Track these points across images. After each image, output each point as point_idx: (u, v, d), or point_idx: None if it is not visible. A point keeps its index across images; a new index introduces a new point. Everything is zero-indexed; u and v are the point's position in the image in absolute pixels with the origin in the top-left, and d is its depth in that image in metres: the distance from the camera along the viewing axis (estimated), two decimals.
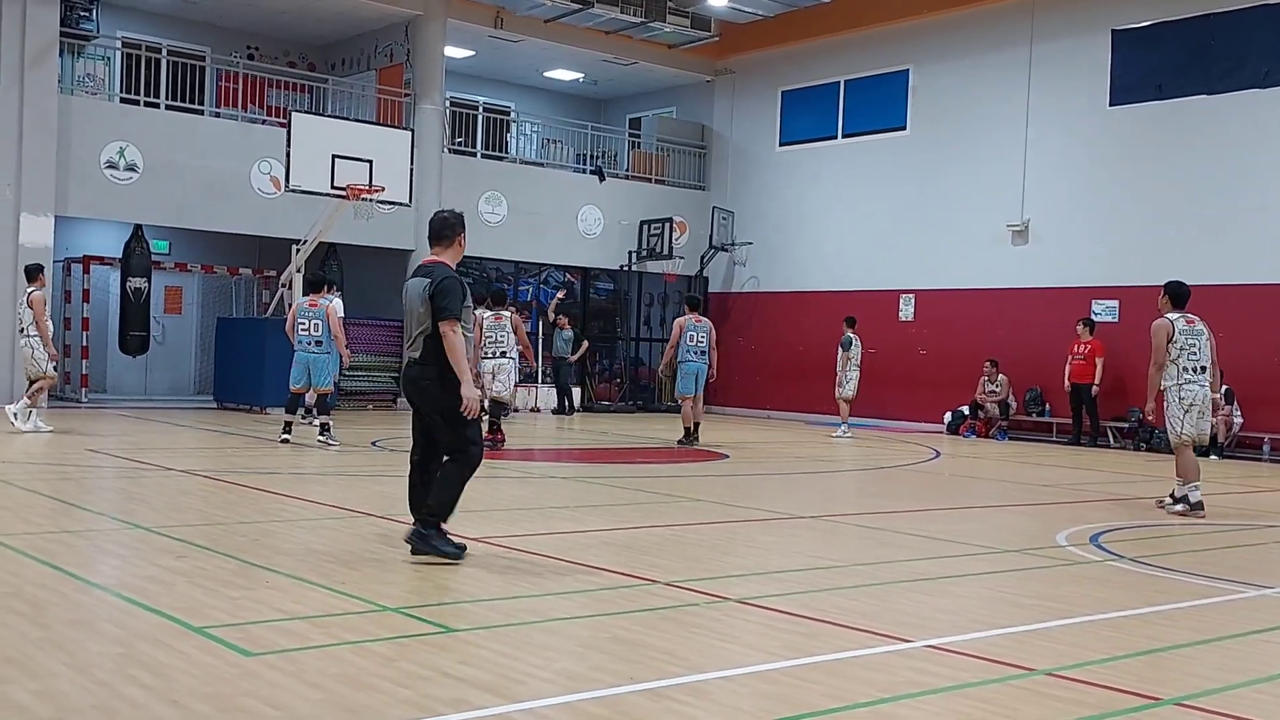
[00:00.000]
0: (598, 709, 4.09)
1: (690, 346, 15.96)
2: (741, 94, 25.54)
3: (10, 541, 6.86)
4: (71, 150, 18.50)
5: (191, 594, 5.67)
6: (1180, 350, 10.32)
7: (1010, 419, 20.24)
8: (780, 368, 24.35)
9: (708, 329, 16.21)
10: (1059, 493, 12.02)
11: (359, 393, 21.26)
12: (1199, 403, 10.31)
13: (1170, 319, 10.44)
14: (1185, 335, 10.34)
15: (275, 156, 19.22)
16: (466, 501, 7.18)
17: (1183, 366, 10.32)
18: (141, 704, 3.95)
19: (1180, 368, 10.32)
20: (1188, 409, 10.30)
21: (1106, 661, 5.07)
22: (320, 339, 14.01)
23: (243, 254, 22.31)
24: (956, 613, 6.06)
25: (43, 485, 9.80)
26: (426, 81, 21.94)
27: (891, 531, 8.82)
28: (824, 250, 23.68)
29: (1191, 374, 10.32)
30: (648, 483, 11.95)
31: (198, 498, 9.45)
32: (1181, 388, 10.32)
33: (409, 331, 7.01)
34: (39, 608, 5.28)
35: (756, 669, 4.72)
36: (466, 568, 6.69)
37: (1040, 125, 20.42)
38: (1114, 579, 7.30)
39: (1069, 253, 19.93)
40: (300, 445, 13.76)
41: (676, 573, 6.70)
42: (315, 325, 14.03)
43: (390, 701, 4.08)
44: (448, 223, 7.16)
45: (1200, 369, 10.35)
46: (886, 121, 22.79)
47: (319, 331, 14.00)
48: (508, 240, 23.17)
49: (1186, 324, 10.40)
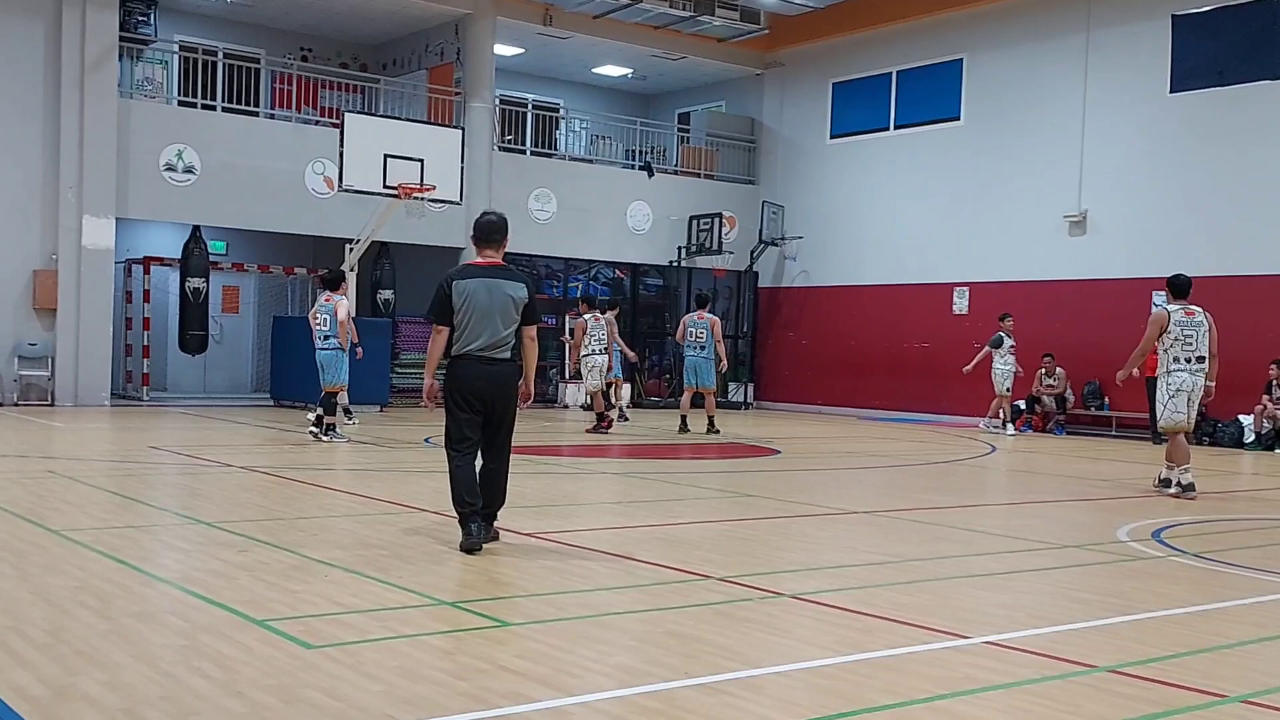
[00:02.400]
0: (652, 703, 4.10)
1: (690, 342, 17.10)
2: (791, 87, 25.42)
3: (78, 536, 7.00)
4: (131, 153, 18.81)
5: (253, 587, 5.75)
6: (1174, 340, 10.66)
7: (1068, 413, 20.00)
8: (832, 362, 24.22)
9: (708, 324, 17.06)
10: (1119, 487, 11.86)
11: (412, 390, 21.42)
12: (1186, 389, 10.65)
13: (1169, 310, 10.75)
14: (1181, 326, 10.66)
15: (329, 157, 19.42)
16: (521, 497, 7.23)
17: (1174, 356, 10.68)
18: (206, 695, 4.01)
19: (1172, 357, 10.68)
20: (1173, 395, 10.67)
21: (1170, 658, 5.00)
22: (330, 334, 14.09)
23: (298, 254, 22.57)
24: (1015, 608, 6.01)
25: (107, 482, 9.98)
26: (476, 80, 22.05)
27: (947, 526, 8.75)
28: (876, 243, 23.52)
29: (1183, 363, 10.67)
30: (699, 478, 11.94)
31: (257, 493, 9.58)
32: (1170, 374, 10.71)
33: (489, 330, 6.98)
34: (106, 601, 5.38)
35: (812, 664, 4.70)
36: (520, 562, 6.73)
37: (1098, 114, 20.14)
38: (1177, 574, 7.20)
39: (1127, 243, 19.65)
40: (356, 443, 13.90)
41: (729, 568, 6.69)
42: (325, 321, 14.14)
43: (448, 694, 4.11)
44: (497, 226, 7.23)
45: (1196, 359, 10.66)
46: (940, 112, 22.59)
47: (329, 327, 14.13)
48: (557, 237, 23.24)
49: (1185, 315, 10.71)
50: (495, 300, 6.99)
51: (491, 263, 7.17)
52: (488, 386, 7.00)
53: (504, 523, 7.37)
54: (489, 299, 6.99)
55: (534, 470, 11.34)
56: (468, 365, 7.00)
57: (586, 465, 13.16)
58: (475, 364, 6.98)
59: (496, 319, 6.98)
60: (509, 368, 7.05)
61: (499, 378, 7.01)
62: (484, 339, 6.98)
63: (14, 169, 18.16)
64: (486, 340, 6.98)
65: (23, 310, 18.31)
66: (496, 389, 7.02)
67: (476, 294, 7.00)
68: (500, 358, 7.02)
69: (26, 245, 18.27)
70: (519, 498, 7.23)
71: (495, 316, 6.98)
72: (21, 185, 18.21)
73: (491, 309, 6.98)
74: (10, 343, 18.24)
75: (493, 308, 6.98)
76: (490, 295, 7.00)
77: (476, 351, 6.98)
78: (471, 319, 6.98)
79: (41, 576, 5.85)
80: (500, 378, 7.02)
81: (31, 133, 18.24)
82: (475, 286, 7.02)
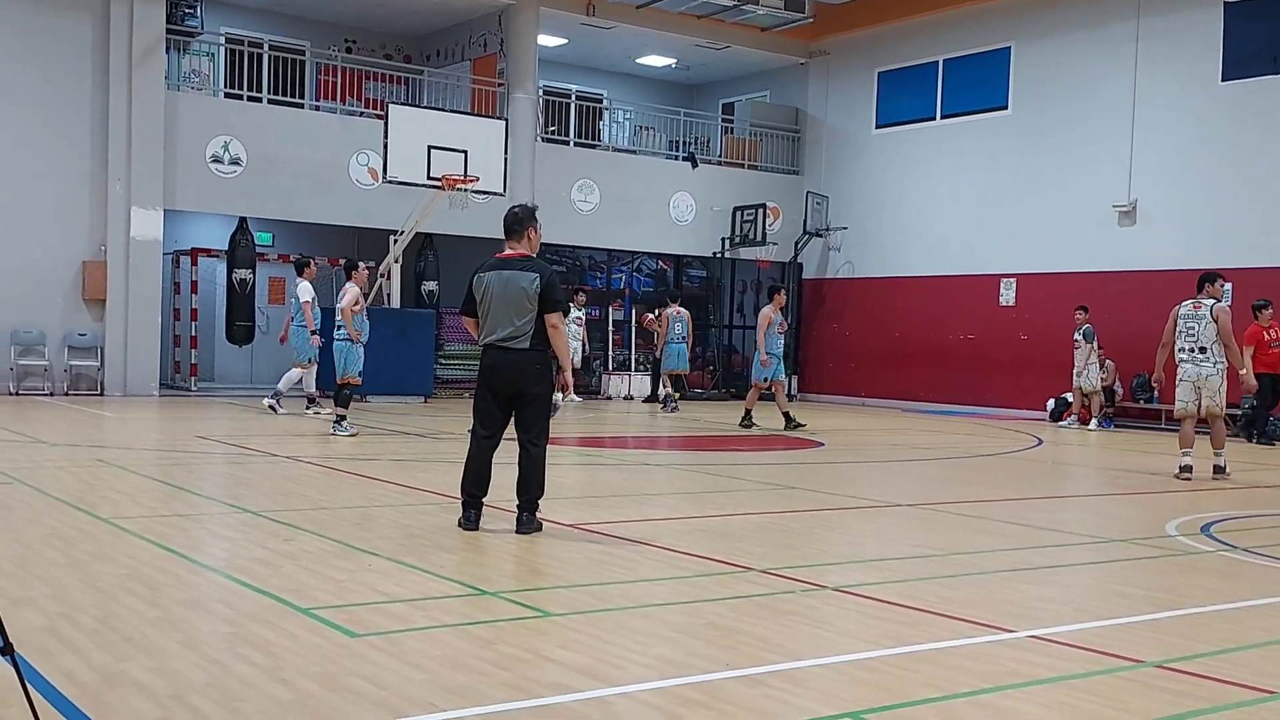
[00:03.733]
0: (694, 694, 4.09)
1: (676, 333, 20.24)
2: (836, 76, 25.26)
3: (127, 525, 7.09)
4: (178, 145, 19.02)
5: (298, 576, 5.80)
6: (1179, 333, 11.54)
7: (1116, 406, 19.76)
8: (876, 354, 24.08)
9: (686, 318, 20.41)
10: (1168, 481, 11.71)
11: (455, 381, 21.53)
12: (1189, 379, 11.49)
13: (1180, 305, 11.67)
14: (1184, 320, 11.51)
15: (373, 148, 19.55)
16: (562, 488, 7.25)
17: (1179, 347, 11.55)
18: (252, 682, 4.05)
19: (1178, 348, 11.55)
20: (1179, 383, 11.58)
21: (1219, 654, 4.92)
22: (341, 323, 14.05)
23: (342, 245, 22.73)
24: (1061, 602, 5.94)
25: (155, 471, 10.11)
26: (520, 71, 22.08)
27: (992, 520, 8.68)
28: (922, 234, 23.33)
29: (1186, 354, 11.50)
30: (742, 470, 11.91)
31: (302, 483, 9.67)
32: (1179, 365, 11.59)
33: (505, 320, 7.19)
34: (154, 588, 5.45)
35: (854, 657, 4.67)
36: (562, 553, 6.75)
37: (1148, 102, 19.86)
38: (1227, 569, 7.10)
39: (1178, 234, 19.36)
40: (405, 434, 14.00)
41: (771, 560, 6.67)
42: (338, 311, 14.20)
43: (490, 683, 4.13)
44: (518, 218, 7.50)
45: (1198, 350, 11.43)
46: (987, 101, 22.36)
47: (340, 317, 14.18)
48: (600, 228, 23.24)
49: (1192, 309, 11.51)
50: (508, 292, 7.20)
51: (513, 254, 7.38)
52: (507, 375, 7.23)
53: (546, 513, 7.40)
54: (503, 290, 7.22)
55: (576, 461, 11.36)
56: (490, 355, 7.28)
57: (629, 456, 13.16)
58: (497, 353, 7.24)
59: (510, 310, 7.19)
60: (528, 356, 7.19)
61: (517, 366, 7.20)
62: (500, 329, 7.23)
63: (63, 162, 18.42)
64: (503, 331, 7.22)
65: (72, 301, 18.58)
66: (515, 376, 7.21)
67: (492, 286, 7.25)
68: (518, 347, 7.19)
69: (76, 237, 18.53)
70: (560, 488, 7.25)
71: (509, 308, 7.19)
72: (70, 178, 18.47)
73: (505, 300, 7.20)
74: (60, 333, 18.51)
75: (506, 299, 7.20)
76: (504, 287, 7.22)
77: (497, 342, 7.23)
78: (490, 310, 7.25)
79: (91, 564, 5.94)
80: (519, 366, 7.20)
81: (80, 126, 18.48)
82: (492, 279, 7.28)
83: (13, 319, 18.10)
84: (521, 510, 7.27)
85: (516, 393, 7.22)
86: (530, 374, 7.19)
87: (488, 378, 7.28)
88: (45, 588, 5.36)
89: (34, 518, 7.27)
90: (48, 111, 18.30)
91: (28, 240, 18.17)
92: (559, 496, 7.44)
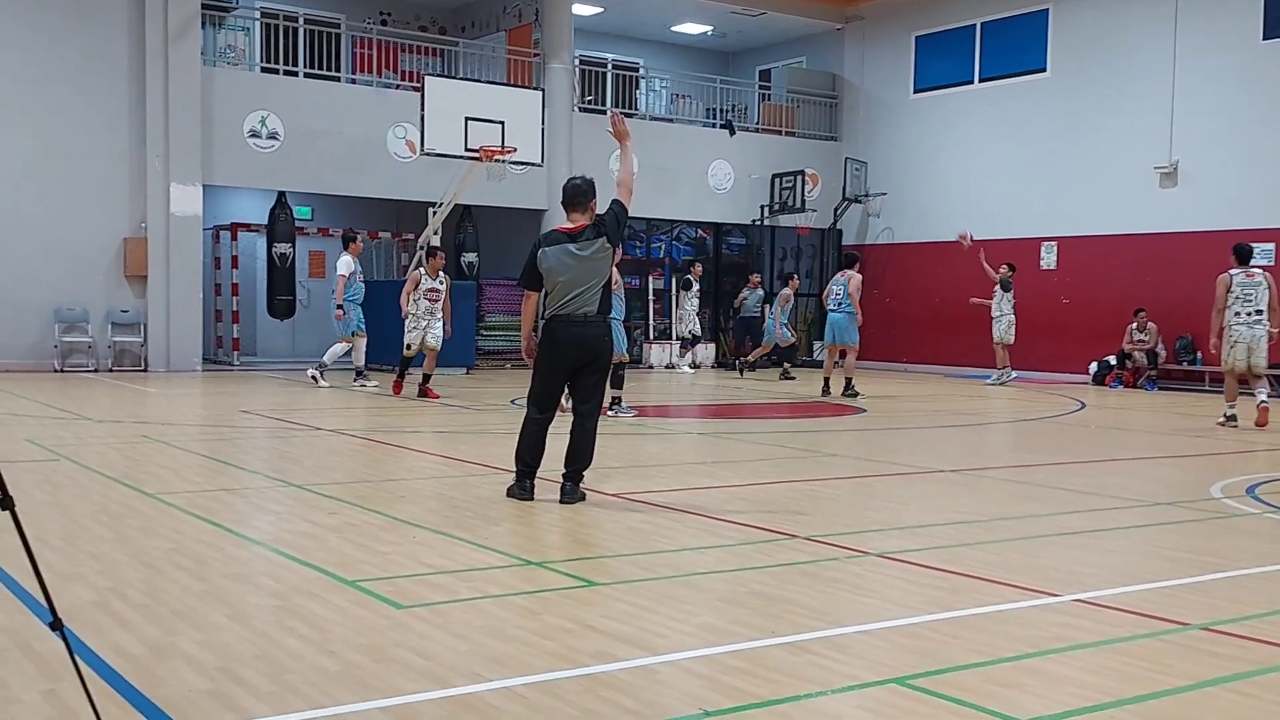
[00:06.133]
0: (738, 662, 4.10)
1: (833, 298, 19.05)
2: (873, 41, 24.99)
3: (172, 500, 7.19)
4: (215, 121, 19.12)
5: (343, 549, 5.86)
6: (1236, 298, 12.86)
7: (1159, 368, 19.55)
8: (917, 320, 23.92)
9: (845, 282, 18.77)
10: (1213, 443, 11.58)
11: (497, 352, 21.60)
12: (1244, 340, 12.82)
13: (1231, 274, 12.93)
14: (1242, 286, 12.87)
15: (410, 121, 19.58)
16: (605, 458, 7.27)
17: (1235, 311, 12.87)
18: (300, 654, 4.10)
19: (1234, 312, 12.87)
20: (1233, 345, 12.89)
21: (1265, 615, 4.88)
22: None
23: (381, 218, 22.82)
24: (1105, 567, 5.90)
25: (199, 446, 10.23)
26: (555, 40, 22.00)
27: (1035, 485, 8.62)
28: (961, 198, 23.10)
29: (1244, 318, 12.84)
30: (784, 438, 11.89)
31: (346, 456, 9.75)
32: (1231, 328, 12.90)
33: (569, 294, 7.21)
34: (201, 562, 5.52)
35: (897, 623, 4.67)
36: (605, 523, 6.77)
37: (1189, 62, 19.51)
38: (1272, 531, 7.02)
39: (1220, 194, 19.07)
40: (445, 405, 14.09)
41: (815, 527, 6.67)
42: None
43: (535, 653, 4.15)
44: (581, 189, 7.45)
45: (1255, 313, 12.80)
46: (1026, 64, 22.06)
47: None
48: (638, 197, 22.54)
49: (1246, 277, 12.89)
50: (570, 265, 7.23)
51: (574, 227, 7.35)
52: (576, 348, 7.27)
53: (589, 483, 7.45)
54: (564, 264, 7.24)
55: (618, 431, 11.38)
56: (557, 328, 7.27)
57: (670, 425, 13.18)
58: (565, 326, 7.24)
59: (574, 283, 7.22)
60: (595, 328, 7.27)
61: (586, 339, 7.26)
62: (565, 303, 7.24)
63: (102, 139, 18.57)
64: (569, 304, 7.24)
65: (114, 278, 18.78)
66: (584, 349, 7.27)
67: (555, 260, 7.26)
68: (586, 318, 7.23)
69: (116, 214, 18.71)
70: (603, 459, 7.28)
71: (572, 281, 7.22)
72: (110, 155, 18.62)
73: (569, 273, 7.23)
74: (103, 310, 18.73)
75: (569, 272, 7.22)
76: (566, 261, 7.24)
77: (564, 314, 7.24)
78: (557, 285, 7.27)
79: (138, 539, 6.02)
80: (587, 339, 7.26)
81: (118, 103, 18.62)
82: (553, 253, 7.28)
83: (56, 297, 18.33)
84: (566, 480, 7.32)
85: (588, 361, 7.28)
86: (601, 344, 7.30)
87: (559, 349, 7.25)
88: (94, 563, 5.44)
89: (81, 494, 7.37)
90: (86, 90, 18.44)
91: (69, 218, 18.37)
92: (602, 466, 7.46)
